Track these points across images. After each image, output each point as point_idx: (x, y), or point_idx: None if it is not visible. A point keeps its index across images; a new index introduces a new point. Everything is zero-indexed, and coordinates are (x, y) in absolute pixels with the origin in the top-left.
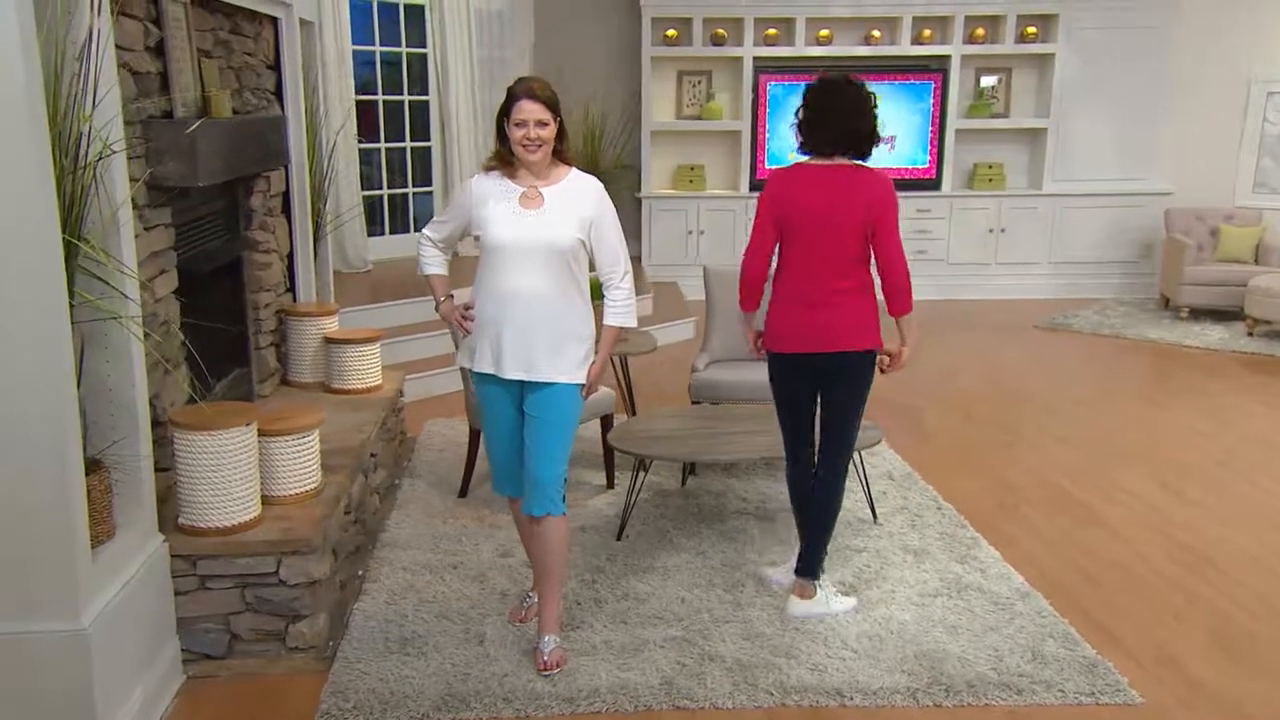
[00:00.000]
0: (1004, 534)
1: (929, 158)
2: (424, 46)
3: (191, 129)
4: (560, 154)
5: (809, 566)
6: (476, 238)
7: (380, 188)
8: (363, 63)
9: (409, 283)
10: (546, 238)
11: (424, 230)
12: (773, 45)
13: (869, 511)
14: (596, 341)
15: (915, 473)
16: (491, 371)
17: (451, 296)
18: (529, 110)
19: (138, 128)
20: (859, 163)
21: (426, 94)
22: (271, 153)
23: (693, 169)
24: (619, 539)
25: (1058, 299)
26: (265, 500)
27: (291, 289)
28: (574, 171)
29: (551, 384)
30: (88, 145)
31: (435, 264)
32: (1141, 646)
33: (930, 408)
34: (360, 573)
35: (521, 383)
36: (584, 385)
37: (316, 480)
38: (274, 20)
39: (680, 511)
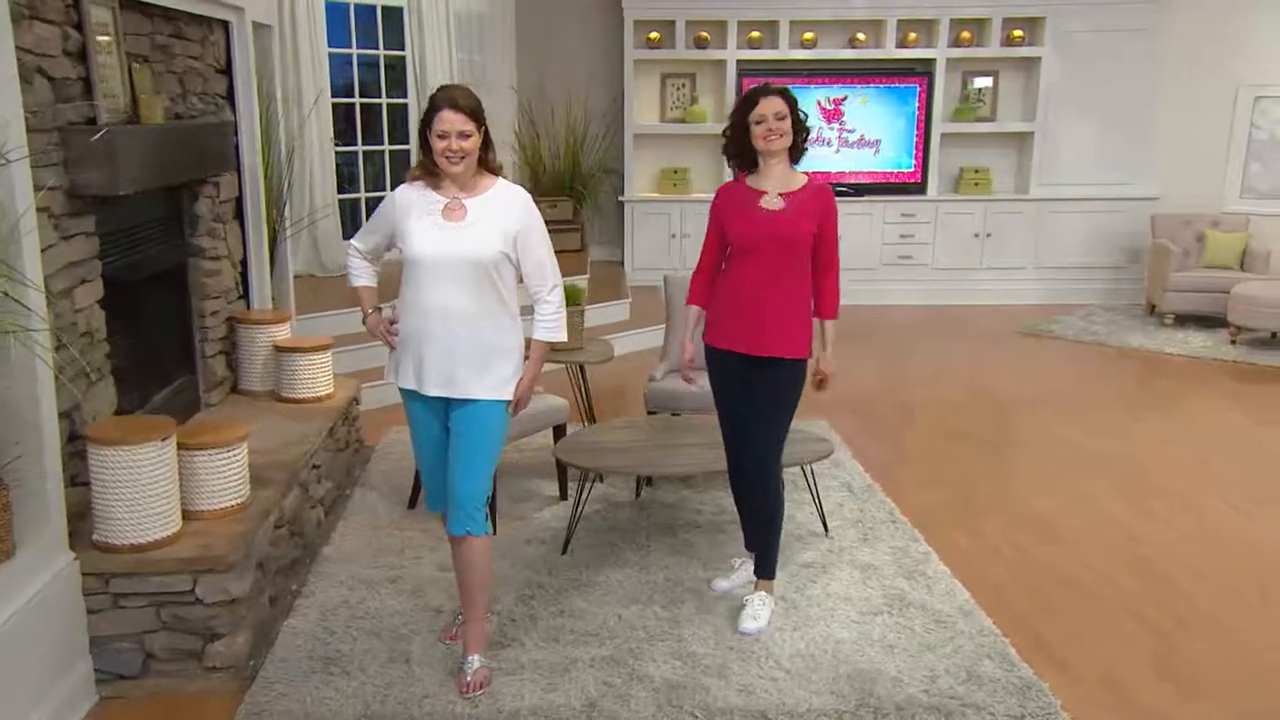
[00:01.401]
0: (958, 549)
1: (914, 162)
2: (403, 49)
3: (97, 136)
4: (486, 164)
5: None
6: (401, 250)
7: (359, 191)
8: (341, 65)
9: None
10: (468, 251)
11: (351, 241)
12: (756, 48)
13: (820, 524)
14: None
15: (876, 484)
16: (414, 388)
17: (379, 309)
18: (450, 121)
19: (55, 134)
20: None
21: (405, 97)
22: (213, 158)
23: (676, 172)
24: (564, 553)
25: (1044, 304)
26: (188, 515)
27: (245, 296)
28: (500, 182)
29: (476, 401)
30: None
31: (363, 275)
32: (1084, 666)
33: (900, 416)
34: (295, 587)
35: (447, 399)
36: (511, 402)
37: (244, 494)
38: (226, 24)
39: (631, 524)
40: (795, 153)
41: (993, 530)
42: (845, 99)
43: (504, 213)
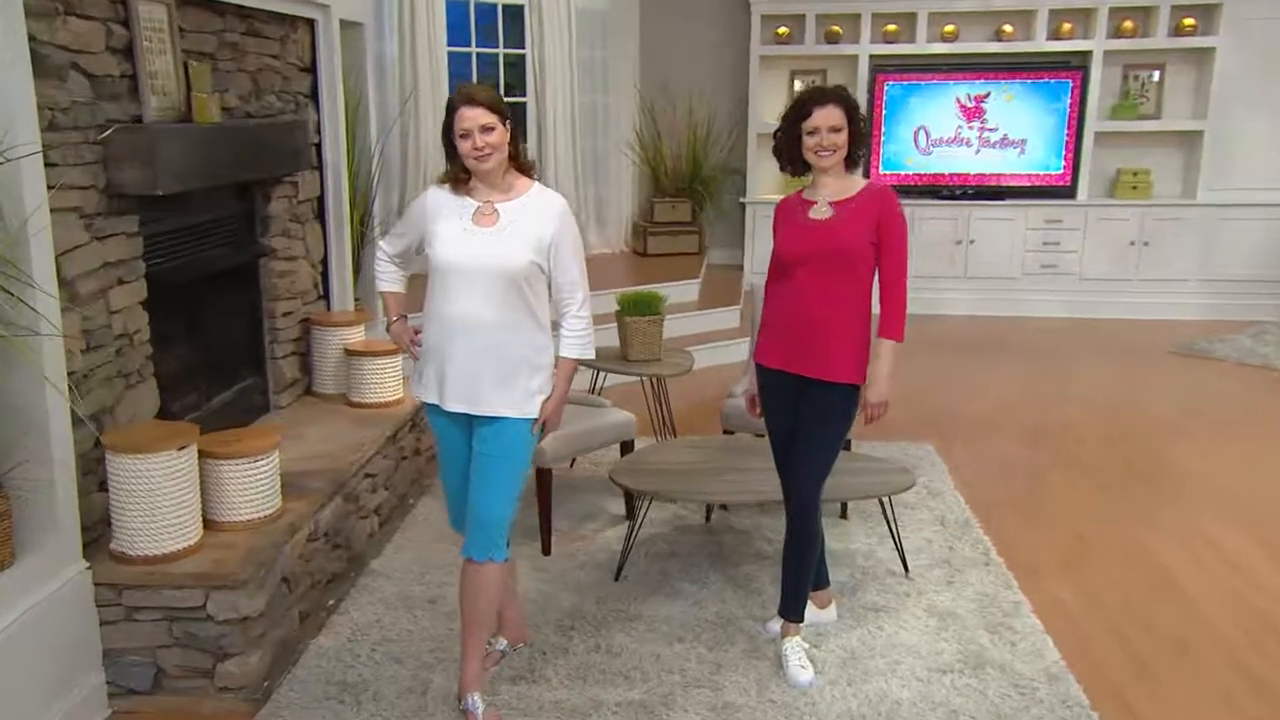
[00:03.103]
0: (1054, 598)
1: (1063, 163)
2: (522, 47)
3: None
4: (517, 162)
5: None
6: (428, 255)
7: None
8: (461, 63)
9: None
10: (498, 259)
11: (380, 243)
12: (892, 42)
13: (900, 562)
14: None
15: (974, 518)
16: (436, 402)
17: (404, 317)
18: (471, 117)
19: (93, 132)
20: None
21: (524, 95)
22: (283, 157)
23: None
24: (616, 579)
25: (1208, 320)
26: (213, 526)
27: (325, 297)
28: (536, 186)
29: (500, 418)
30: None
31: (390, 280)
32: None
33: (1021, 441)
34: (330, 603)
35: (470, 415)
36: (536, 420)
37: (273, 506)
38: (311, 22)
39: (695, 551)
40: (851, 160)
41: (1100, 578)
42: (988, 95)
43: (540, 220)
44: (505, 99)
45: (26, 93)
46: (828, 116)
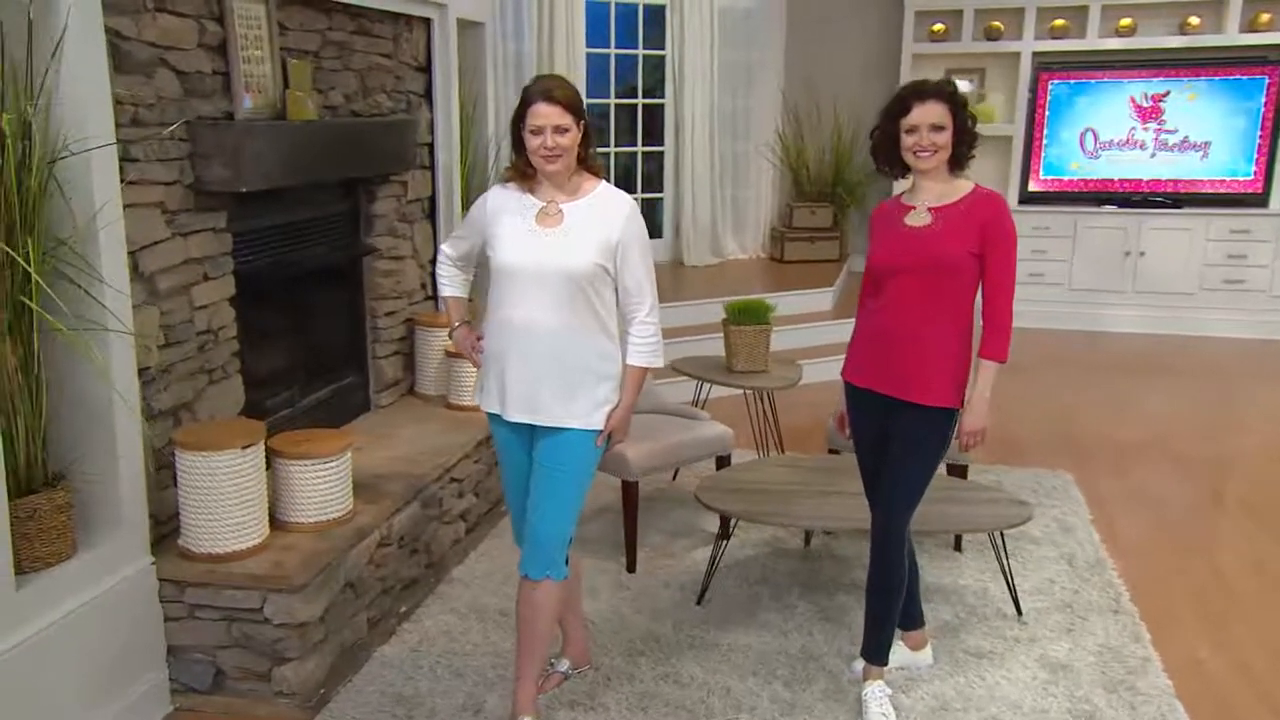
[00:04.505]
0: (1191, 656)
1: (1254, 168)
2: (663, 48)
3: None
4: (585, 163)
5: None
6: (489, 258)
7: None
8: (598, 65)
9: None
10: (561, 261)
11: (442, 246)
12: (1059, 38)
13: (1011, 603)
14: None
15: (1108, 559)
16: (497, 411)
17: (468, 323)
18: (546, 114)
19: (182, 129)
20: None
21: (662, 97)
22: (387, 157)
23: None
24: (698, 603)
25: None
26: (282, 526)
27: (434, 297)
28: (602, 185)
29: (562, 430)
30: (40, 146)
31: (452, 284)
32: None
33: (1179, 474)
34: (403, 609)
35: (533, 426)
36: (602, 432)
37: (344, 508)
38: (427, 21)
39: (788, 577)
40: (956, 162)
41: (1248, 635)
42: (1167, 94)
43: (605, 221)
44: (644, 100)
45: (102, 87)
46: (928, 113)
